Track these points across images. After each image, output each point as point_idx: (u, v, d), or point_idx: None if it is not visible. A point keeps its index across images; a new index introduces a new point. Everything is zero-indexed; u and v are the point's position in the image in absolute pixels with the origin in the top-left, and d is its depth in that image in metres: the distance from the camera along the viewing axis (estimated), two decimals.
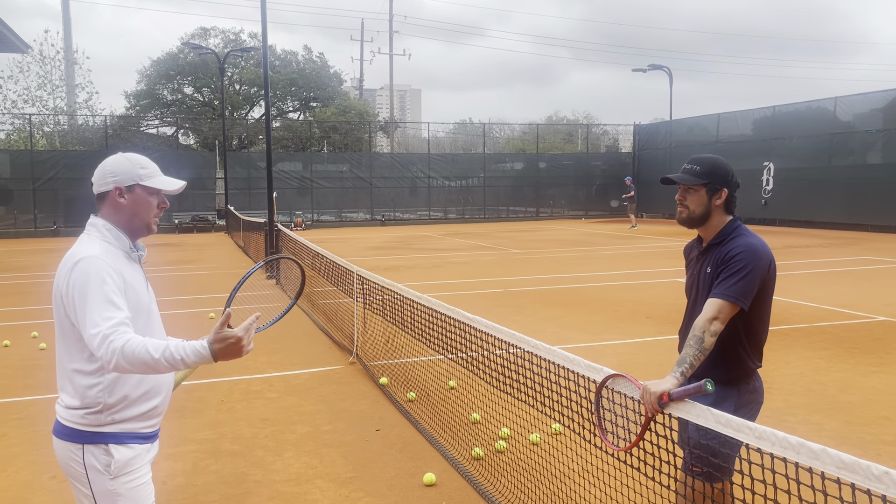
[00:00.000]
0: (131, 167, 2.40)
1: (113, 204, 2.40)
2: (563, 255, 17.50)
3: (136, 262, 2.46)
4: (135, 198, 2.39)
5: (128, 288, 2.31)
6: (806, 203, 24.74)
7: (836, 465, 1.88)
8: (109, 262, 2.29)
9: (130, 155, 2.45)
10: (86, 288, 2.21)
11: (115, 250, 2.37)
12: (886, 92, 23.60)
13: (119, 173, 2.39)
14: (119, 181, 2.38)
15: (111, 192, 2.39)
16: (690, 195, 2.83)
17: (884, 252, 16.77)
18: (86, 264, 2.26)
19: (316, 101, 43.47)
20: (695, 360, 2.53)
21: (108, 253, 2.33)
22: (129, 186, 2.38)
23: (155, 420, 2.45)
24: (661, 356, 7.25)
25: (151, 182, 2.40)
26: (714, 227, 2.83)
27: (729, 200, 2.83)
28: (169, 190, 2.44)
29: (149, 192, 2.41)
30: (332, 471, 4.59)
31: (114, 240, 2.39)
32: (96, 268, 2.25)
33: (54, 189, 27.45)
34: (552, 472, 4.07)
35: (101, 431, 2.30)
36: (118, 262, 2.34)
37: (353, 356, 7.27)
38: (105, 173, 2.40)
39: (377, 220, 31.10)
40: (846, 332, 8.27)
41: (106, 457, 2.30)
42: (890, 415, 5.44)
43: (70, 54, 40.46)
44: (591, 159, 36.33)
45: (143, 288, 2.45)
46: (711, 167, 2.82)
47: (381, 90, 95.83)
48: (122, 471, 2.31)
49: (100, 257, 2.28)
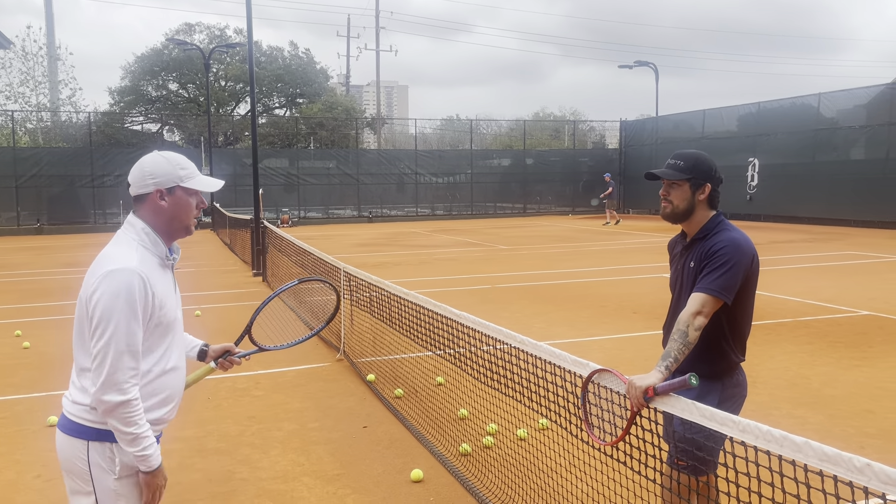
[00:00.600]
0: (171, 168, 2.32)
1: (153, 207, 2.32)
2: (550, 251, 17.55)
3: (168, 269, 2.40)
4: (175, 200, 2.33)
5: (157, 304, 2.26)
6: (790, 198, 24.93)
7: (819, 458, 1.90)
8: (144, 276, 2.22)
9: (168, 154, 2.37)
10: (114, 304, 2.16)
11: (151, 258, 2.31)
12: (869, 88, 23.81)
13: (159, 175, 2.31)
14: (159, 183, 2.30)
15: (151, 195, 2.31)
16: (674, 190, 2.85)
17: (866, 247, 16.94)
18: (121, 278, 2.18)
19: (302, 97, 43.28)
20: (679, 355, 2.54)
21: (144, 263, 2.26)
22: (169, 189, 2.31)
23: (163, 426, 2.43)
24: (648, 351, 7.28)
25: (192, 183, 2.34)
26: (698, 223, 2.84)
27: (712, 195, 2.85)
28: (209, 190, 2.40)
29: (189, 194, 2.35)
30: (319, 468, 4.58)
31: (151, 246, 2.32)
32: (129, 284, 2.18)
33: (37, 186, 27.19)
34: (539, 468, 4.09)
35: (108, 430, 2.24)
36: (153, 273, 2.27)
37: (340, 353, 7.26)
38: (144, 175, 2.32)
39: (364, 217, 31.04)
40: (830, 327, 8.35)
41: (111, 455, 2.26)
42: (873, 408, 5.50)
43: (53, 50, 40.04)
44: (578, 155, 36.42)
45: (173, 299, 2.39)
46: (695, 162, 2.84)
47: (368, 86, 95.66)
48: (126, 472, 2.28)
49: (136, 272, 2.21)
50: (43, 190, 27.35)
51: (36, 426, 5.42)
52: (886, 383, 6.12)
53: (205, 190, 2.38)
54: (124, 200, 27.17)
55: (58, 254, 18.97)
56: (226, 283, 12.96)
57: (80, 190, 27.78)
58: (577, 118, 52.17)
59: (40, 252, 19.68)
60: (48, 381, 6.62)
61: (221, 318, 9.56)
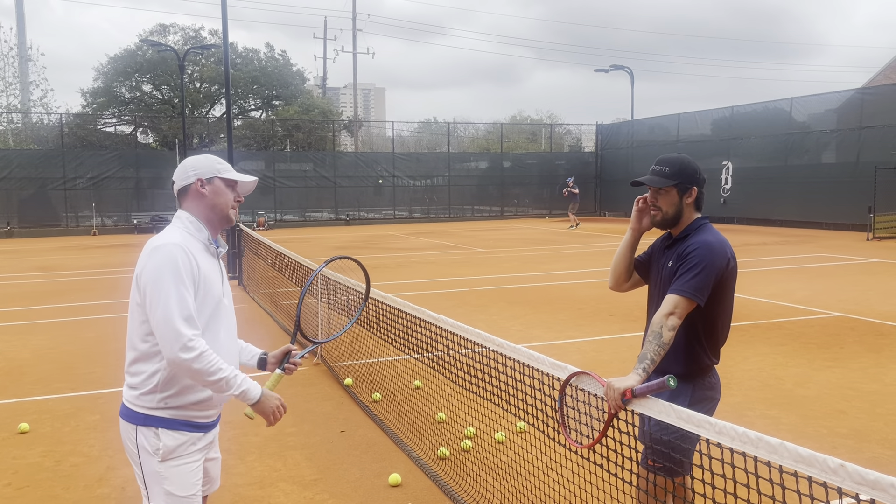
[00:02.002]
0: (209, 163, 2.62)
1: (195, 195, 2.58)
2: (527, 253, 17.61)
3: (213, 256, 2.61)
4: (214, 188, 2.58)
5: (202, 277, 2.46)
6: (763, 201, 25.27)
7: (794, 459, 1.92)
8: (187, 249, 2.44)
9: (208, 154, 2.68)
10: (161, 273, 2.37)
11: (194, 241, 2.52)
12: (840, 93, 24.23)
13: (199, 167, 2.59)
14: (200, 174, 2.58)
15: (193, 185, 2.57)
16: (662, 197, 2.83)
17: (837, 249, 17.22)
18: (165, 250, 2.41)
19: (278, 99, 43.00)
20: (655, 356, 2.56)
21: (187, 241, 2.48)
22: (209, 178, 2.58)
23: (211, 411, 2.57)
24: (625, 353, 7.33)
25: (229, 174, 2.62)
26: (683, 224, 2.85)
27: (698, 198, 2.85)
28: (244, 181, 2.66)
29: (227, 184, 2.61)
30: (297, 473, 4.54)
31: (195, 231, 2.55)
32: (173, 255, 2.39)
33: (7, 189, 26.69)
34: (517, 471, 4.09)
35: (154, 415, 2.44)
36: (196, 251, 2.48)
37: (318, 357, 7.22)
38: (187, 168, 2.60)
39: (341, 220, 30.92)
40: (802, 328, 8.47)
41: (155, 440, 2.43)
42: (844, 408, 5.58)
43: (24, 51, 39.44)
44: (555, 158, 36.59)
45: (219, 281, 2.58)
46: (680, 167, 2.83)
47: (345, 89, 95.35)
48: (169, 455, 2.44)
49: (179, 245, 2.43)
50: (13, 192, 26.85)
51: (6, 433, 5.32)
52: (857, 384, 6.22)
53: (241, 180, 2.65)
54: (97, 203, 26.82)
55: (29, 257, 18.65)
56: None
57: (51, 192, 27.31)
58: (553, 121, 52.47)
59: (11, 256, 19.33)
60: (18, 388, 6.50)
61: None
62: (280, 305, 9.71)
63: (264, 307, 10.38)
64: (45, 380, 6.72)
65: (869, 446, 4.79)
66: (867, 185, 20.65)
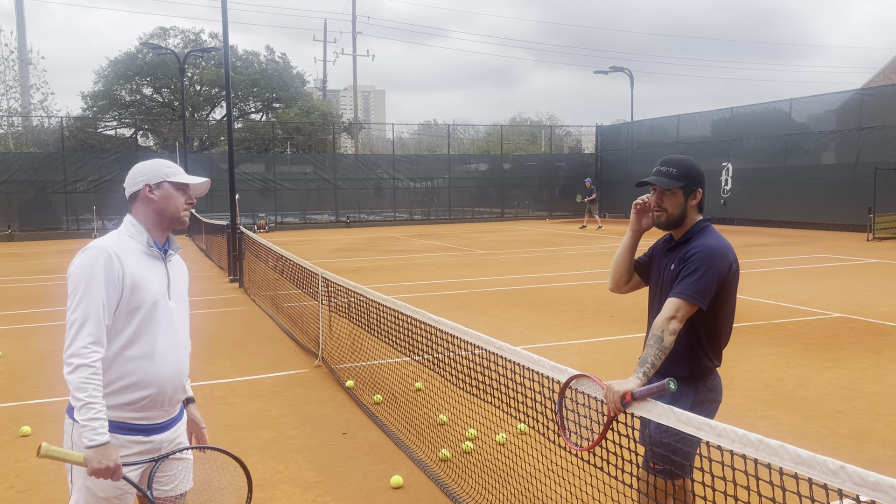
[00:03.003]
0: (158, 167, 2.63)
1: (143, 200, 2.60)
2: (528, 255, 17.61)
3: (157, 258, 2.60)
4: (163, 193, 2.60)
5: (129, 280, 2.46)
6: (763, 202, 25.29)
7: (794, 461, 1.93)
8: (115, 252, 2.46)
9: (158, 159, 2.69)
10: (77, 278, 2.42)
11: (132, 244, 2.55)
12: (840, 94, 24.25)
13: (147, 172, 2.61)
14: (148, 179, 2.60)
15: (142, 190, 2.60)
16: (667, 198, 2.81)
17: (838, 250, 17.22)
18: (87, 254, 2.46)
19: (279, 101, 43.03)
20: (656, 360, 2.56)
21: (119, 244, 2.51)
22: (157, 183, 2.60)
23: (147, 413, 2.51)
24: (626, 354, 7.34)
25: (178, 178, 2.62)
26: (686, 226, 2.84)
27: (701, 200, 2.85)
28: (193, 184, 2.65)
29: (176, 188, 2.62)
30: (298, 475, 4.55)
31: (136, 234, 2.59)
32: (92, 259, 2.43)
33: (8, 192, 26.74)
34: (518, 473, 4.10)
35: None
36: (128, 254, 2.50)
37: (319, 359, 7.22)
38: (135, 174, 2.62)
39: (342, 222, 30.93)
40: (803, 329, 8.47)
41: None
42: (845, 409, 5.59)
43: (24, 54, 39.44)
44: (555, 160, 36.62)
45: (159, 284, 2.56)
46: (686, 168, 2.81)
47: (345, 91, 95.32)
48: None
49: (105, 248, 2.46)
50: (14, 196, 26.89)
51: (8, 436, 5.32)
52: (858, 384, 6.22)
53: (189, 182, 2.64)
54: (97, 206, 26.83)
55: (29, 261, 18.66)
56: (202, 289, 12.83)
57: (52, 196, 27.35)
58: (553, 123, 52.50)
59: (11, 259, 19.34)
60: (20, 391, 6.51)
61: (197, 325, 9.41)
62: (281, 308, 9.72)
63: (265, 309, 10.39)
64: (47, 383, 6.73)
65: (870, 447, 4.79)
66: (867, 186, 20.66)
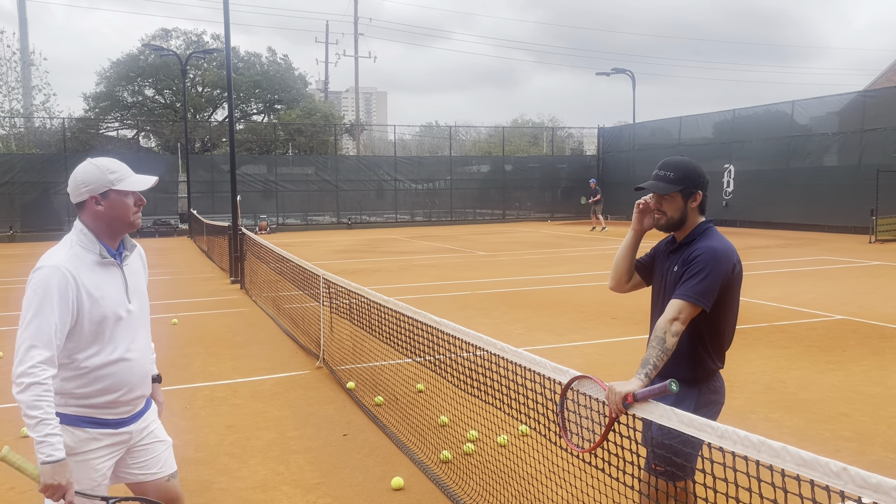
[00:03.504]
0: (101, 174, 2.50)
1: (91, 212, 2.51)
2: (529, 257, 17.61)
3: (112, 266, 2.55)
4: (110, 203, 2.51)
5: (84, 296, 2.43)
6: (765, 204, 25.26)
7: (796, 463, 1.92)
8: (68, 271, 2.41)
9: (98, 161, 2.54)
10: (30, 298, 2.38)
11: (86, 255, 2.49)
12: (842, 96, 24.24)
13: (90, 182, 2.49)
14: (92, 190, 2.49)
15: (88, 202, 2.50)
16: (667, 201, 2.82)
17: (840, 252, 17.20)
18: (40, 275, 2.40)
19: (280, 103, 43.10)
20: (658, 361, 2.56)
21: (72, 260, 2.44)
22: (102, 193, 2.50)
23: (119, 409, 2.56)
24: (628, 356, 7.33)
25: (123, 185, 2.52)
26: (687, 228, 2.84)
27: (703, 202, 2.85)
28: (141, 189, 2.55)
29: (123, 195, 2.53)
30: (299, 477, 4.54)
31: (88, 244, 2.51)
32: (45, 279, 2.38)
33: (10, 193, 26.78)
34: (520, 474, 4.09)
35: (60, 412, 2.43)
36: (82, 268, 2.45)
37: (320, 361, 7.22)
38: (78, 184, 2.51)
39: (343, 224, 30.94)
40: (805, 331, 8.46)
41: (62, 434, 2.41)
42: (847, 411, 5.57)
43: (27, 55, 39.50)
44: (557, 162, 36.62)
45: (116, 293, 2.53)
46: (685, 171, 2.81)
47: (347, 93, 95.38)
48: (70, 451, 2.42)
49: (57, 266, 2.40)
50: (16, 197, 26.93)
51: (9, 437, 5.32)
52: (860, 386, 6.21)
53: (135, 189, 2.54)
54: None
55: (31, 262, 18.56)
56: (203, 290, 12.84)
57: (54, 197, 27.38)
58: (555, 125, 52.52)
59: (13, 260, 19.36)
60: None
61: (199, 327, 9.47)
62: (282, 309, 9.72)
63: (266, 311, 10.39)
64: None
65: (872, 449, 4.78)
66: (869, 188, 20.64)
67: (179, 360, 7.55)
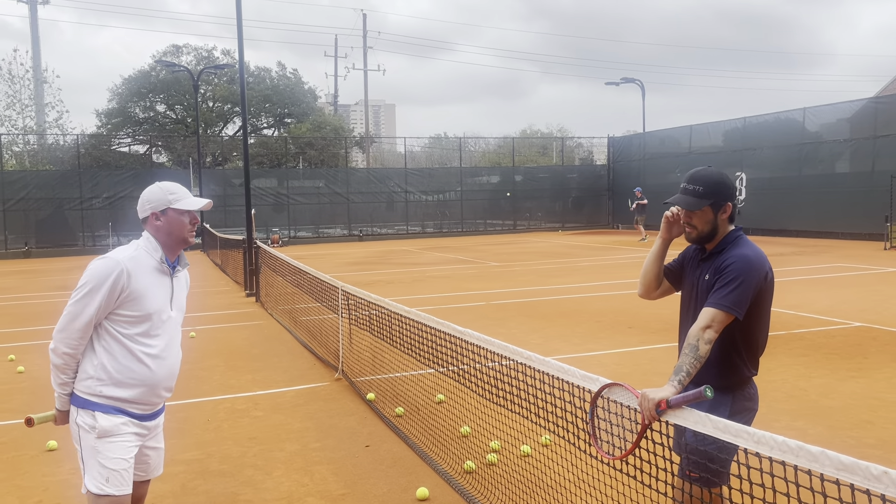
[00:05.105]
0: (162, 194, 2.91)
1: (152, 226, 2.92)
2: (542, 267, 17.60)
3: (165, 274, 2.94)
4: (168, 219, 2.91)
5: (134, 292, 2.79)
6: (778, 212, 25.17)
7: (836, 467, 1.93)
8: (127, 269, 2.77)
9: (163, 184, 2.95)
10: (86, 280, 2.76)
11: (147, 259, 2.88)
12: (853, 102, 24.16)
13: (153, 201, 2.91)
14: (154, 207, 2.91)
15: (150, 217, 2.93)
16: (697, 215, 2.82)
17: (855, 259, 17.10)
18: (101, 263, 2.79)
19: (290, 117, 43.35)
20: (691, 369, 2.56)
21: (134, 259, 2.83)
22: (162, 210, 2.90)
23: (141, 406, 2.88)
24: (646, 365, 7.32)
25: (180, 205, 2.91)
26: (718, 238, 2.85)
27: (733, 211, 2.85)
28: (195, 208, 2.93)
29: (180, 213, 2.91)
30: (324, 488, 4.56)
31: (151, 250, 2.90)
32: (104, 268, 2.76)
33: (25, 210, 27.02)
34: (547, 483, 4.09)
35: (91, 400, 2.81)
36: (140, 268, 2.83)
37: (339, 372, 7.25)
38: (143, 202, 2.93)
39: (355, 236, 31.03)
40: (824, 339, 8.42)
41: (92, 420, 2.79)
42: (871, 418, 5.54)
43: (39, 73, 39.93)
44: (567, 172, 36.62)
45: (162, 297, 2.91)
46: (714, 184, 2.81)
47: (356, 106, 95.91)
48: (105, 434, 2.79)
49: (119, 261, 2.78)
50: (31, 213, 27.17)
51: (34, 451, 5.37)
52: (883, 394, 6.17)
53: (191, 209, 2.92)
54: (113, 223, 27.05)
55: (47, 277, 18.83)
56: (219, 303, 12.91)
57: (68, 213, 27.62)
58: (564, 135, 52.57)
59: (29, 276, 19.52)
60: (44, 405, 6.53)
61: (216, 340, 9.52)
62: (299, 321, 9.76)
63: (283, 323, 10.44)
64: None
65: None
66: (883, 195, 20.54)
67: (199, 373, 7.59)
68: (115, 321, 2.80)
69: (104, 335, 2.81)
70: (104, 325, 2.81)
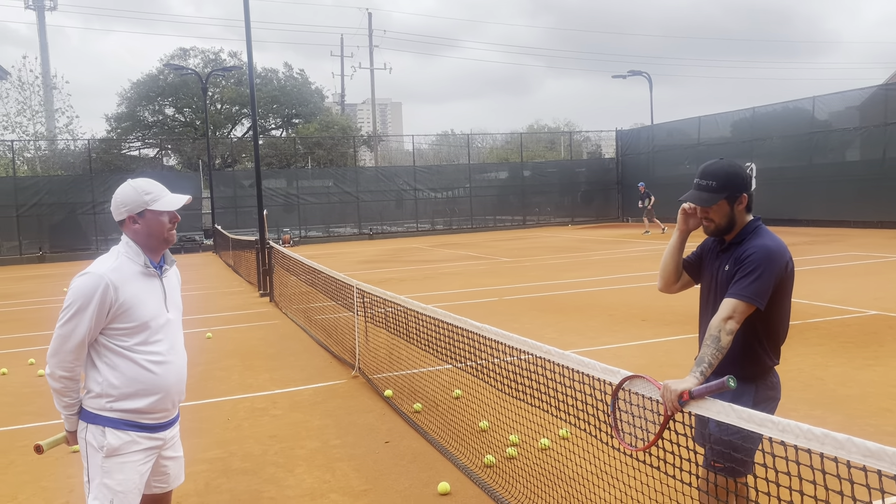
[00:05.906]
0: (137, 195, 2.73)
1: (130, 229, 2.76)
2: (553, 261, 17.60)
3: (153, 276, 2.79)
4: (147, 221, 2.74)
5: (125, 303, 2.65)
6: (789, 202, 25.04)
7: (863, 454, 1.95)
8: (110, 279, 2.63)
9: (136, 182, 2.77)
10: (71, 301, 2.62)
11: (131, 265, 2.73)
12: (862, 90, 24.01)
13: (128, 203, 2.73)
14: (130, 210, 2.73)
15: (126, 220, 2.75)
16: (713, 209, 2.82)
17: (867, 247, 17.01)
18: (84, 281, 2.63)
19: (298, 117, 43.51)
20: (713, 360, 2.58)
21: (117, 269, 2.67)
22: (139, 213, 2.73)
23: (155, 414, 2.77)
24: (661, 357, 7.33)
25: (157, 205, 2.74)
26: (736, 228, 2.85)
27: (749, 201, 2.86)
28: (173, 208, 2.77)
29: (158, 214, 2.75)
30: (346, 484, 4.60)
31: (133, 255, 2.75)
32: (87, 286, 2.61)
33: (38, 215, 27.26)
34: (568, 475, 4.12)
35: (101, 415, 2.68)
36: (125, 277, 2.68)
37: (356, 370, 7.29)
38: (118, 205, 2.75)
39: (365, 234, 31.11)
40: (839, 328, 8.40)
41: (101, 437, 2.68)
42: (890, 406, 5.54)
43: (48, 79, 40.19)
44: (575, 166, 36.58)
45: (155, 301, 2.77)
46: (727, 177, 2.80)
47: (363, 104, 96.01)
48: (113, 452, 2.67)
49: (101, 275, 2.62)
50: (44, 218, 27.41)
51: (59, 453, 5.43)
52: None
53: (167, 209, 2.76)
54: None
55: (61, 281, 18.98)
56: (233, 304, 12.99)
57: (81, 217, 27.84)
58: (571, 129, 52.45)
59: (44, 280, 19.69)
60: None
61: (233, 340, 9.59)
62: (314, 320, 9.81)
63: (298, 322, 10.50)
64: None
65: None
66: (895, 182, 20.40)
67: (217, 374, 7.66)
68: (111, 335, 2.67)
69: (103, 351, 2.68)
70: (100, 340, 2.68)
